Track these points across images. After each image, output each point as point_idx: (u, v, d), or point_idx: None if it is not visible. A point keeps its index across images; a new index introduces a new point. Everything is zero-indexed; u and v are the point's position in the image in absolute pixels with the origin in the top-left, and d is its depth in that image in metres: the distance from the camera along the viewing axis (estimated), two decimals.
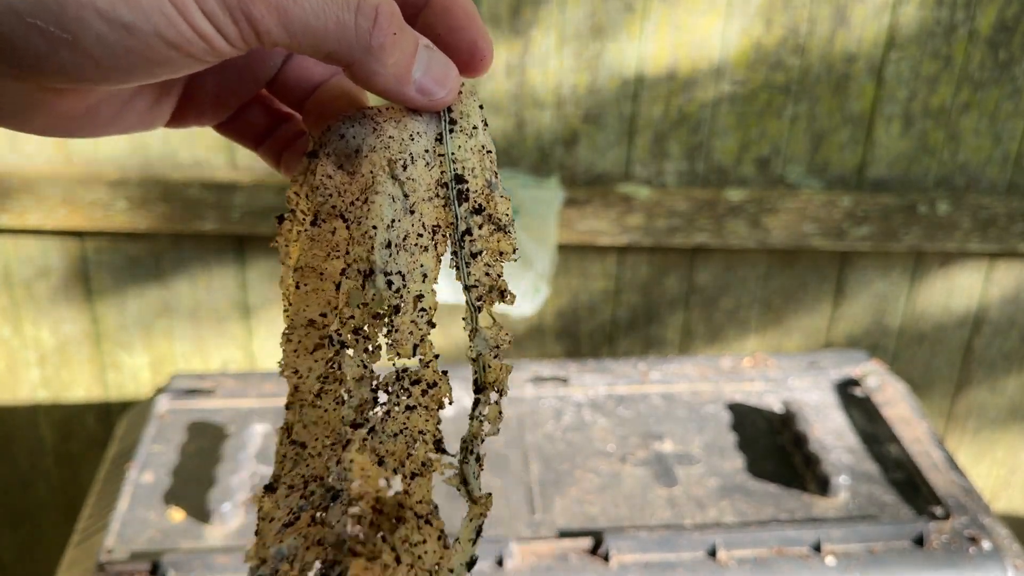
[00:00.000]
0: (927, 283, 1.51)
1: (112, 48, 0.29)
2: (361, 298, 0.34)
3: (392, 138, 0.34)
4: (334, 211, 0.34)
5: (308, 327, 0.36)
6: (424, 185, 0.34)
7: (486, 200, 0.35)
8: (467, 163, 0.35)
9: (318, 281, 0.36)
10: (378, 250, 0.33)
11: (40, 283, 1.45)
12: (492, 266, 0.35)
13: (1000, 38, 1.34)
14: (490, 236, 0.35)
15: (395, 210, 0.34)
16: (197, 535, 0.91)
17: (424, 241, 0.34)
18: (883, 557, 0.89)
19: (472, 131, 0.35)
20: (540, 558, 0.87)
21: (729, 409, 1.11)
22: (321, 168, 0.34)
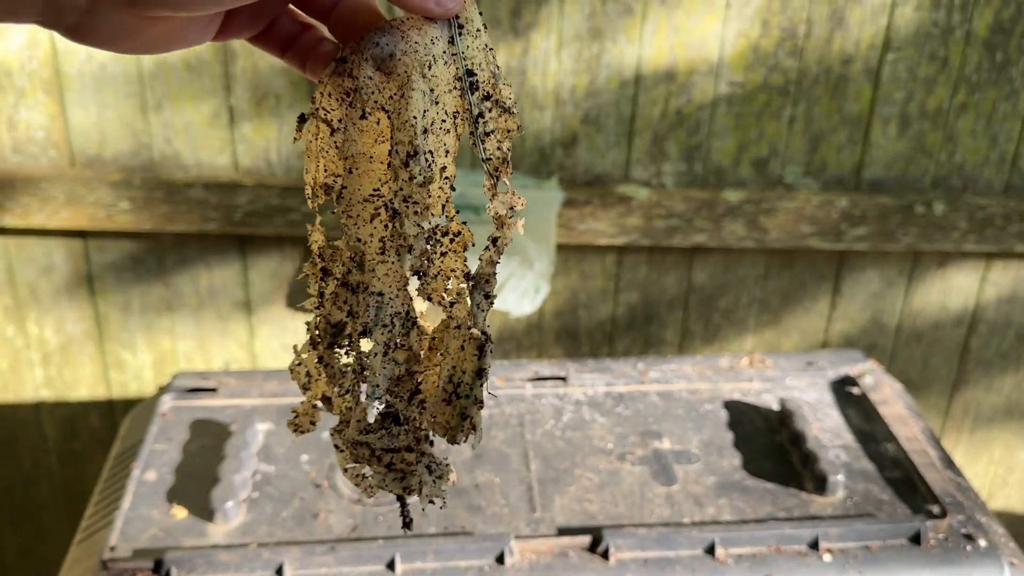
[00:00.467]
0: (924, 283, 1.52)
1: None
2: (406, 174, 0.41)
3: (418, 43, 0.41)
4: (376, 105, 0.41)
5: (364, 203, 0.43)
6: (444, 80, 0.42)
7: (493, 88, 0.43)
8: (475, 59, 0.42)
9: (368, 164, 0.43)
10: (419, 135, 0.41)
11: (43, 283, 1.45)
12: (502, 142, 0.43)
13: (997, 40, 1.35)
14: (499, 117, 0.43)
15: (426, 102, 0.41)
16: (200, 533, 0.91)
17: (447, 125, 0.42)
18: (880, 555, 0.89)
19: (477, 32, 0.42)
20: (540, 555, 0.88)
21: (727, 408, 1.11)
22: (363, 71, 0.41)
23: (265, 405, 1.09)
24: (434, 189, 0.42)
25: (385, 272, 0.44)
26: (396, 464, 0.47)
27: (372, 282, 0.44)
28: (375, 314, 0.44)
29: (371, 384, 0.45)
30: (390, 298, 0.44)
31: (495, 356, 1.55)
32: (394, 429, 0.46)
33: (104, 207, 1.36)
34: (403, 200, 0.42)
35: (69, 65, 1.32)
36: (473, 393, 0.45)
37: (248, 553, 0.87)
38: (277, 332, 1.51)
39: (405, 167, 0.41)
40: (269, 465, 1.01)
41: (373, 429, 0.46)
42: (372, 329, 0.44)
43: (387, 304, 0.44)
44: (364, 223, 0.44)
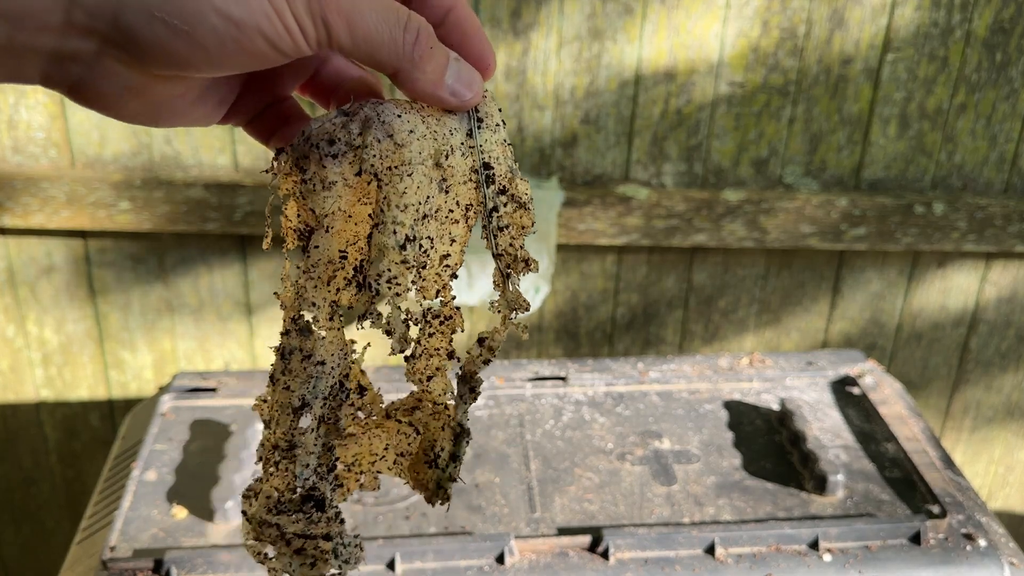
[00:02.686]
0: (924, 283, 1.52)
1: (221, 39, 0.35)
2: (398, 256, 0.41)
3: (436, 131, 0.41)
4: (374, 169, 0.40)
5: (328, 263, 0.42)
6: (460, 171, 0.42)
7: (509, 182, 0.43)
8: (493, 153, 0.42)
9: (344, 223, 0.41)
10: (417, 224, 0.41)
11: (44, 283, 1.45)
12: (516, 238, 0.43)
13: (996, 40, 1.35)
14: (513, 212, 0.43)
15: (431, 188, 0.41)
16: (200, 532, 0.91)
17: (456, 215, 0.42)
18: (880, 554, 0.89)
19: (495, 127, 0.43)
20: (540, 555, 0.88)
21: (727, 408, 1.11)
22: (374, 131, 0.40)
23: None
24: (430, 274, 0.42)
25: (331, 339, 0.42)
26: (308, 550, 0.45)
27: (317, 349, 0.42)
28: (314, 385, 0.42)
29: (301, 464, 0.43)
30: (331, 367, 0.42)
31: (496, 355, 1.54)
32: (315, 515, 0.44)
33: (104, 207, 1.36)
34: (387, 280, 0.41)
35: None
36: (448, 471, 0.46)
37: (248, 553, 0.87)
38: (277, 332, 1.51)
39: (400, 249, 0.40)
40: None
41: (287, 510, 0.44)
42: (311, 402, 0.42)
43: (327, 374, 0.42)
44: (322, 285, 0.42)
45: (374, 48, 0.37)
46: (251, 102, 0.44)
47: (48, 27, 0.34)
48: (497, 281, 0.44)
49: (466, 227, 0.43)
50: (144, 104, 0.38)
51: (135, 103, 0.38)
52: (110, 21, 0.34)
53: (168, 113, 0.39)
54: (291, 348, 0.43)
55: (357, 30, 0.37)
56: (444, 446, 0.46)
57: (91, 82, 0.36)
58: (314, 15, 0.36)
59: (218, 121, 0.43)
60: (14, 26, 0.34)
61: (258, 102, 0.44)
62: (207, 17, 0.34)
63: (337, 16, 0.36)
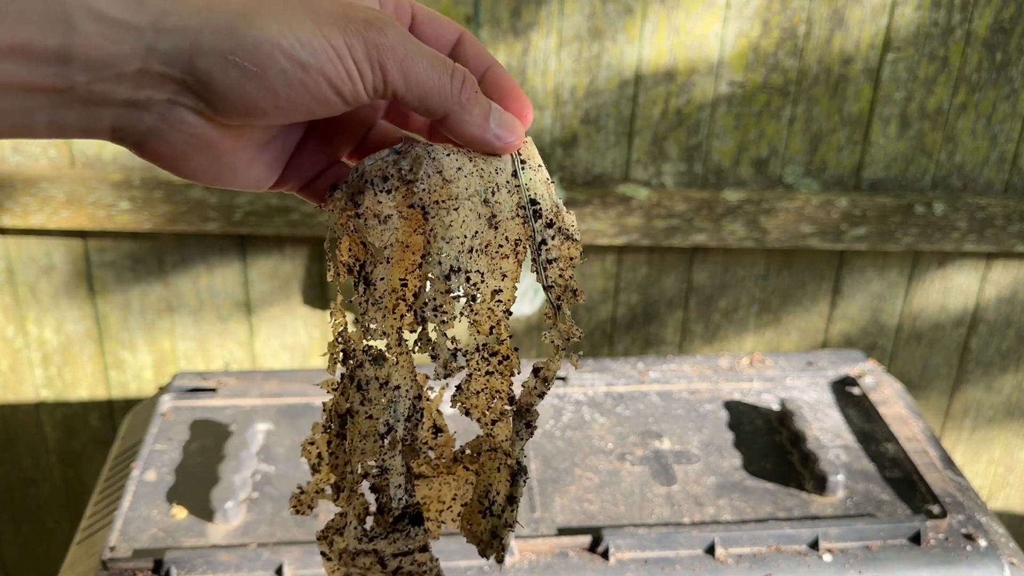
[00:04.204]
0: (924, 283, 1.52)
1: (289, 82, 0.37)
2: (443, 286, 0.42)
3: (483, 169, 0.43)
4: (423, 203, 0.42)
5: (391, 292, 0.44)
6: (507, 207, 0.43)
7: (556, 216, 0.44)
8: (537, 190, 0.44)
9: (402, 252, 0.43)
10: (462, 254, 0.42)
11: (43, 283, 1.45)
12: (566, 270, 0.44)
13: (997, 40, 1.35)
14: (561, 245, 0.44)
15: (480, 224, 0.43)
16: (200, 533, 0.91)
17: (506, 250, 0.43)
18: (880, 555, 0.89)
19: (537, 167, 0.45)
20: (540, 555, 0.88)
21: (727, 408, 1.11)
22: (425, 166, 0.42)
23: (265, 405, 1.09)
24: (482, 308, 0.43)
25: (403, 364, 0.45)
26: (405, 568, 0.46)
27: (393, 374, 0.44)
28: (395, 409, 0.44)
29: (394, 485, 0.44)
30: (405, 390, 0.44)
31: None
32: (413, 530, 0.45)
33: (104, 207, 1.36)
34: (433, 310, 0.43)
35: None
36: (504, 516, 0.46)
37: (248, 553, 0.87)
38: (277, 332, 1.51)
39: (444, 279, 0.42)
40: (269, 465, 1.01)
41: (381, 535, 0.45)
42: (395, 425, 0.44)
43: (404, 397, 0.44)
44: (388, 314, 0.44)
45: (426, 92, 0.40)
46: (305, 165, 0.45)
47: (126, 75, 0.35)
48: (548, 312, 0.45)
49: (516, 262, 0.44)
50: (207, 158, 0.40)
51: (199, 157, 0.39)
52: (185, 66, 0.36)
53: (228, 171, 0.41)
54: (367, 378, 0.44)
55: (411, 76, 0.39)
56: (500, 489, 0.46)
57: (160, 134, 0.38)
58: (372, 61, 0.38)
59: (273, 184, 0.44)
60: (93, 75, 0.35)
61: (312, 166, 0.46)
62: (276, 60, 0.36)
63: (393, 62, 0.38)
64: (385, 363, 0.44)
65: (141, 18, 0.35)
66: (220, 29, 0.36)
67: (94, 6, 0.34)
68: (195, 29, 0.35)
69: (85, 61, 0.34)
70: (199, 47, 0.36)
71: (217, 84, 0.36)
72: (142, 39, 0.35)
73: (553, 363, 0.45)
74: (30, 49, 0.33)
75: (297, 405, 1.10)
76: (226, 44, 0.36)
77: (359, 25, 0.38)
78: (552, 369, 0.45)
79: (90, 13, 0.34)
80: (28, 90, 0.34)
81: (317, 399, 1.11)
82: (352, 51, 0.37)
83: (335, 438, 0.46)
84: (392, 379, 0.44)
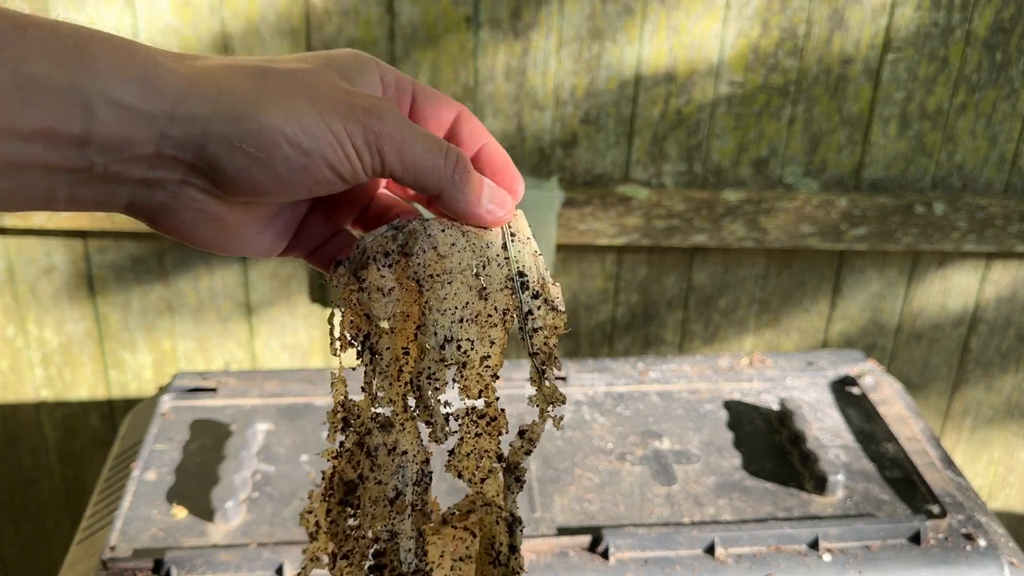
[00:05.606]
0: (924, 283, 1.52)
1: (292, 166, 0.39)
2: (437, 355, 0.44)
3: (475, 244, 0.46)
4: (418, 276, 0.44)
5: (396, 360, 0.46)
6: (497, 280, 0.46)
7: (542, 288, 0.47)
8: (525, 263, 0.46)
9: (403, 322, 0.46)
10: (454, 324, 0.45)
11: (44, 283, 1.46)
12: (550, 338, 0.47)
13: (996, 40, 1.35)
14: (546, 315, 0.47)
15: (471, 295, 0.45)
16: (200, 532, 0.91)
17: (494, 319, 0.46)
18: (880, 554, 0.89)
19: (526, 240, 0.47)
20: (540, 555, 0.88)
21: (727, 408, 1.12)
22: (421, 242, 0.44)
23: (265, 405, 1.09)
24: (471, 374, 0.46)
25: (409, 429, 0.47)
26: None
27: (400, 440, 0.46)
28: (403, 474, 0.46)
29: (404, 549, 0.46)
30: (413, 455, 0.46)
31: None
32: None
33: None
34: (428, 378, 0.45)
35: None
36: (511, 565, 0.49)
37: (248, 553, 0.87)
38: (277, 332, 1.51)
39: (440, 349, 0.44)
40: (269, 465, 1.01)
41: None
42: (403, 491, 0.46)
43: (412, 461, 0.46)
44: (394, 382, 0.46)
45: (421, 173, 0.42)
46: (311, 234, 0.48)
47: (141, 157, 0.38)
48: (534, 377, 0.47)
49: (504, 330, 0.46)
50: (216, 231, 0.42)
51: (209, 230, 0.42)
52: (196, 151, 0.38)
53: (237, 242, 0.44)
54: (376, 445, 0.46)
55: (407, 158, 0.42)
56: (502, 540, 0.49)
57: (171, 209, 0.41)
58: (370, 145, 0.41)
59: (281, 252, 0.47)
60: (110, 157, 0.37)
61: (317, 235, 0.48)
62: (281, 147, 0.39)
63: (390, 146, 0.41)
64: (392, 429, 0.46)
65: (156, 106, 0.37)
66: (229, 117, 0.38)
67: (112, 95, 0.36)
68: (205, 117, 0.38)
69: (103, 145, 0.37)
70: (209, 133, 0.38)
71: (225, 167, 0.39)
72: (156, 125, 0.38)
73: (538, 426, 0.48)
74: (54, 134, 0.36)
75: (297, 405, 1.10)
76: (234, 131, 0.38)
77: (358, 112, 0.40)
78: (537, 431, 0.48)
79: (108, 101, 0.36)
80: (51, 170, 0.37)
81: (317, 399, 1.11)
82: (352, 137, 0.40)
83: (336, 506, 0.48)
84: (400, 445, 0.46)
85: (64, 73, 0.35)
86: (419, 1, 1.30)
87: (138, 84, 0.37)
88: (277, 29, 1.31)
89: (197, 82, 0.38)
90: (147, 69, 0.37)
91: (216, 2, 1.29)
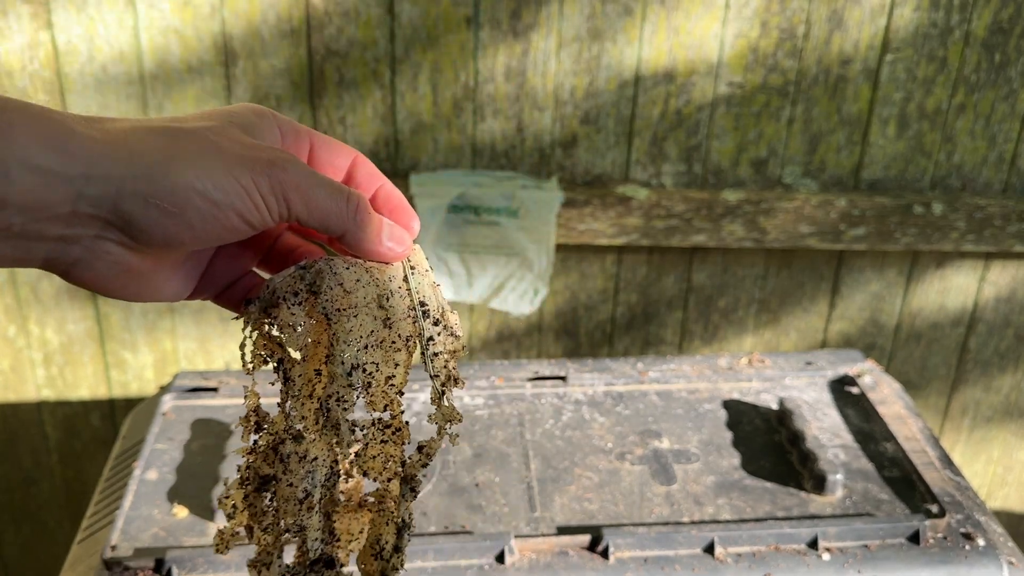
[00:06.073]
0: (923, 283, 1.53)
1: (204, 217, 0.42)
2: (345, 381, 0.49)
3: (378, 279, 0.50)
4: (326, 311, 0.49)
5: (308, 383, 0.50)
6: (400, 310, 0.50)
7: (442, 316, 0.51)
8: (425, 293, 0.51)
9: (313, 349, 0.50)
10: (360, 352, 0.49)
11: (45, 283, 1.46)
12: (450, 360, 0.51)
13: (995, 40, 1.36)
14: (446, 340, 0.51)
15: (376, 324, 0.49)
16: (201, 532, 0.92)
17: (399, 344, 0.50)
18: (879, 554, 0.90)
19: (425, 272, 0.51)
20: (540, 555, 0.89)
21: (726, 407, 1.12)
22: (328, 281, 0.49)
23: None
24: (377, 391, 0.50)
25: (319, 439, 0.51)
26: None
27: (310, 449, 0.50)
28: (313, 477, 0.50)
29: (311, 539, 0.51)
30: (322, 460, 0.50)
31: (496, 355, 1.55)
32: (326, 572, 0.52)
33: None
34: (336, 400, 0.49)
35: (70, 66, 1.32)
36: (392, 561, 0.53)
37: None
38: None
39: (347, 376, 0.49)
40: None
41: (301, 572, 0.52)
42: (312, 492, 0.50)
43: (321, 466, 0.50)
44: (305, 400, 0.50)
45: (325, 217, 0.46)
46: (219, 277, 0.51)
47: (58, 216, 0.40)
48: (433, 397, 0.51)
49: (407, 353, 0.50)
50: (128, 279, 0.45)
51: (121, 279, 0.44)
52: (111, 208, 0.40)
53: (148, 288, 0.47)
54: (288, 453, 0.50)
55: (311, 203, 0.45)
56: (388, 539, 0.53)
57: (86, 262, 0.43)
58: (276, 194, 0.43)
59: (189, 295, 0.50)
60: (27, 217, 0.39)
61: (225, 277, 0.51)
62: (192, 200, 0.41)
63: (295, 194, 0.44)
64: (304, 440, 0.50)
65: (72, 168, 0.39)
66: (141, 176, 0.41)
67: (29, 159, 0.38)
68: (119, 176, 0.40)
69: (21, 206, 0.39)
70: (123, 191, 0.40)
71: (139, 222, 0.41)
72: (72, 186, 0.39)
73: (435, 442, 0.52)
74: None
75: None
76: (148, 188, 0.41)
77: (264, 164, 0.43)
78: (433, 447, 0.52)
79: (25, 166, 0.38)
80: None
81: None
82: (259, 187, 0.43)
83: (253, 492, 0.52)
84: (310, 453, 0.50)
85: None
86: (419, 2, 1.30)
87: (54, 148, 0.38)
88: (277, 30, 1.32)
89: (111, 144, 0.40)
90: (62, 133, 0.39)
91: (216, 2, 1.30)
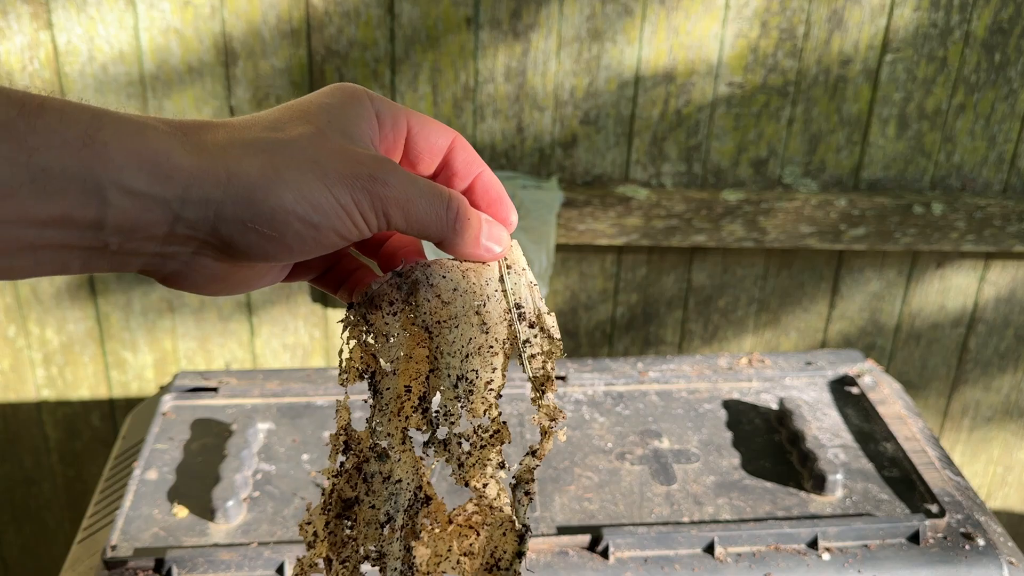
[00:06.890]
0: (923, 283, 1.53)
1: (303, 239, 0.42)
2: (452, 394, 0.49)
3: (475, 283, 0.49)
4: (426, 323, 0.48)
5: (397, 399, 0.50)
6: (496, 313, 0.49)
7: (537, 318, 0.50)
8: (521, 294, 0.50)
9: (407, 363, 0.49)
10: (466, 360, 0.49)
11: (45, 283, 1.46)
12: (547, 362, 0.51)
13: (995, 41, 1.36)
14: (543, 342, 0.50)
15: (474, 331, 0.49)
16: (201, 532, 0.92)
17: (495, 349, 0.50)
18: (879, 554, 0.90)
19: (522, 271, 0.50)
20: (540, 554, 0.89)
21: (726, 407, 1.12)
22: (424, 293, 0.48)
23: (266, 404, 1.10)
24: (477, 399, 0.50)
25: (405, 460, 0.50)
26: None
27: (395, 469, 0.50)
28: (396, 500, 0.50)
29: (391, 569, 0.50)
30: (407, 483, 0.50)
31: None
32: None
33: None
34: (444, 415, 0.49)
35: (70, 66, 1.32)
36: (512, 568, 0.52)
37: (249, 552, 0.87)
38: (278, 332, 1.51)
39: (454, 388, 0.49)
40: (270, 464, 1.01)
41: None
42: (394, 516, 0.50)
43: (405, 489, 0.50)
44: (393, 417, 0.50)
45: (424, 226, 0.46)
46: (314, 265, 0.51)
47: (154, 236, 0.40)
48: (535, 398, 0.51)
49: (504, 357, 0.50)
50: (224, 284, 0.45)
51: (217, 284, 0.45)
52: (209, 230, 0.40)
53: (242, 286, 0.47)
54: (372, 472, 0.50)
55: (411, 215, 0.45)
56: (507, 548, 0.53)
57: (183, 273, 0.43)
58: (376, 210, 0.43)
59: (284, 279, 0.50)
60: (124, 237, 0.39)
61: (320, 265, 0.51)
62: (292, 225, 0.41)
63: (395, 208, 0.44)
64: (388, 460, 0.50)
65: (168, 192, 0.39)
66: (240, 200, 0.40)
67: (125, 183, 0.38)
68: (217, 200, 0.40)
69: (117, 228, 0.39)
70: (222, 216, 0.40)
71: (238, 244, 0.41)
72: (169, 209, 0.39)
73: (545, 443, 0.51)
74: (70, 220, 0.37)
75: (298, 404, 1.10)
76: (246, 213, 0.40)
77: (364, 180, 0.43)
78: (545, 448, 0.51)
79: (122, 190, 0.38)
80: (66, 247, 0.39)
81: (318, 399, 1.11)
82: (359, 205, 0.43)
83: (334, 519, 0.51)
84: (395, 474, 0.50)
85: (77, 164, 0.37)
86: (419, 2, 1.30)
87: (150, 171, 0.38)
88: (278, 30, 1.32)
89: (207, 164, 0.40)
90: (158, 154, 0.39)
91: (217, 3, 1.30)
